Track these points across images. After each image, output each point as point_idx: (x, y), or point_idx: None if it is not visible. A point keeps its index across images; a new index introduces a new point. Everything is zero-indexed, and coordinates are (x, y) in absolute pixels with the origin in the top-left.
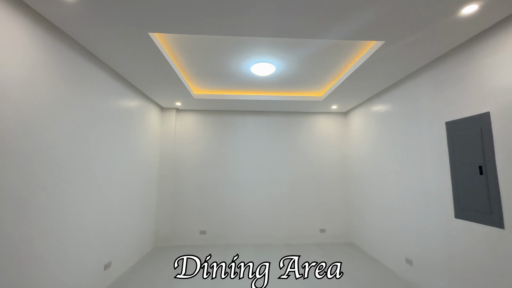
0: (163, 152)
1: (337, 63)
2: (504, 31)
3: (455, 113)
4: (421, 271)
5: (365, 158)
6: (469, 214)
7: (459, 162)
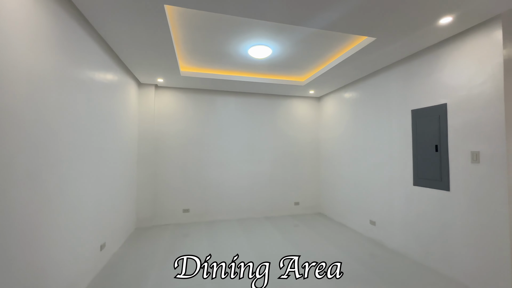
0: (142, 131)
1: (326, 51)
2: (463, 40)
3: (419, 103)
4: (383, 229)
5: (336, 138)
6: (425, 181)
7: (420, 142)
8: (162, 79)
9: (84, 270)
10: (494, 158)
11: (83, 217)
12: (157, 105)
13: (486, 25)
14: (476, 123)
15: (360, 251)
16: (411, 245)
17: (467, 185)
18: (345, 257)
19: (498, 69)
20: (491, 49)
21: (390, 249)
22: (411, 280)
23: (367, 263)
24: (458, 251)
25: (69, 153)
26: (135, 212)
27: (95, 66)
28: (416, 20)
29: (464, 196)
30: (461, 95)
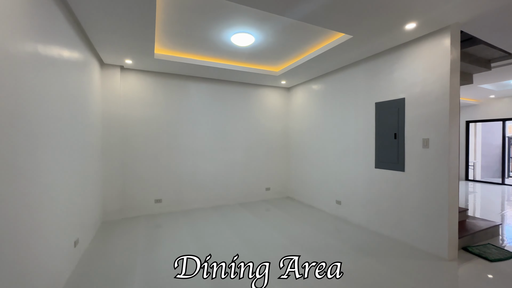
0: (107, 118)
1: (305, 44)
2: (420, 44)
3: (382, 96)
4: (347, 208)
5: (306, 127)
6: (384, 164)
7: (382, 131)
8: (130, 60)
9: (60, 268)
10: (440, 144)
11: (57, 211)
12: (123, 89)
13: (439, 33)
14: (427, 115)
15: (329, 226)
16: (371, 219)
17: (418, 166)
18: (316, 232)
19: (445, 72)
20: (441, 54)
21: (354, 223)
22: (373, 246)
23: (336, 236)
24: (409, 220)
25: (38, 142)
26: (102, 205)
27: (56, 38)
28: (389, 23)
29: (415, 175)
30: (416, 91)
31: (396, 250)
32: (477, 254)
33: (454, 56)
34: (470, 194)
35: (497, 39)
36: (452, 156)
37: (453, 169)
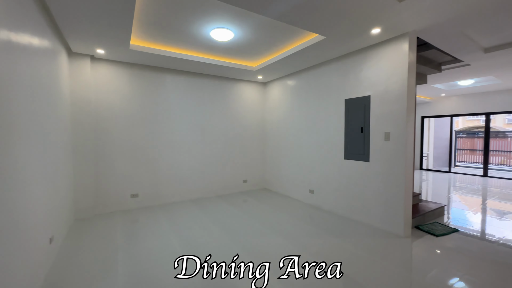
0: (77, 110)
1: (282, 42)
2: (384, 47)
3: (351, 94)
4: (319, 196)
5: (281, 121)
6: (352, 155)
7: (350, 125)
8: (103, 50)
9: (38, 264)
10: (398, 137)
11: (33, 208)
12: (94, 80)
13: (399, 39)
14: (388, 111)
15: (303, 214)
16: (341, 205)
17: (380, 157)
18: (291, 219)
19: (404, 73)
20: (401, 57)
21: (325, 210)
22: (341, 228)
23: (309, 222)
24: (372, 205)
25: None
26: (74, 201)
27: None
28: (357, 27)
29: (378, 165)
30: (380, 90)
31: (361, 231)
32: (426, 231)
33: (411, 59)
34: (423, 181)
35: (445, 46)
36: (409, 148)
37: (409, 159)
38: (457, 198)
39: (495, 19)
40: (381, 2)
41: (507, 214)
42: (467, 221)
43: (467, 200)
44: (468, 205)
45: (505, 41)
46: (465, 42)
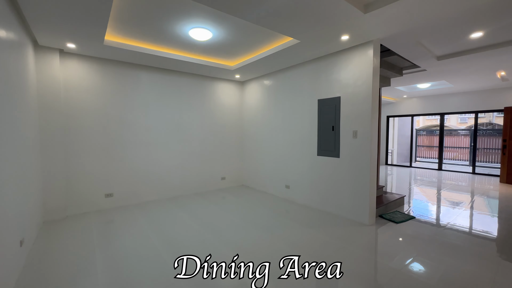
0: (44, 107)
1: (259, 43)
2: (352, 52)
3: (323, 94)
4: (294, 191)
5: (258, 119)
6: (324, 152)
7: (322, 124)
8: (74, 44)
9: (8, 269)
10: (364, 135)
11: (2, 209)
12: (64, 75)
13: (365, 45)
14: (356, 111)
15: (279, 208)
16: (314, 199)
17: (349, 153)
18: (268, 213)
19: (369, 77)
20: (366, 62)
21: (300, 204)
22: (315, 220)
23: (285, 215)
24: (342, 197)
25: None
26: (42, 202)
27: None
28: (328, 34)
29: (347, 160)
30: (349, 91)
31: (332, 221)
32: (388, 219)
33: (375, 64)
34: (388, 175)
35: (405, 53)
36: (373, 144)
37: (373, 155)
38: (417, 190)
39: (446, 31)
40: (349, 12)
41: (458, 203)
42: (424, 210)
43: (425, 191)
44: (426, 195)
45: (454, 50)
46: (421, 50)
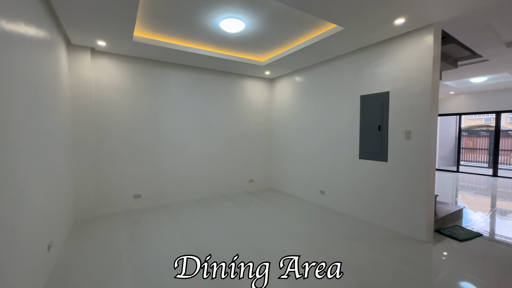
0: (77, 106)
1: (294, 34)
2: (406, 40)
3: (367, 90)
4: (330, 197)
5: (288, 118)
6: (368, 155)
7: (366, 123)
8: (104, 42)
9: (35, 276)
10: (420, 136)
11: (31, 213)
12: (95, 74)
13: (423, 30)
14: (409, 108)
15: (313, 215)
16: (354, 207)
17: (400, 156)
18: (302, 221)
19: (428, 67)
20: (424, 51)
21: (337, 212)
22: (357, 232)
23: (321, 224)
24: (389, 207)
25: (11, 134)
26: (74, 202)
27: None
28: (381, 17)
29: (397, 165)
30: (400, 85)
31: (378, 235)
32: (448, 235)
33: (436, 53)
34: None
35: (467, 39)
36: (432, 146)
37: (431, 159)
38: (474, 200)
39: None
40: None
41: None
42: (488, 225)
43: (485, 202)
44: (488, 207)
45: None
46: (489, 35)
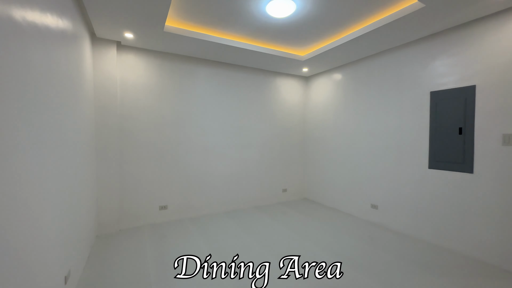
0: (100, 107)
1: (352, 17)
2: (502, 19)
3: (441, 84)
4: (386, 213)
5: (328, 121)
6: (443, 164)
7: (440, 125)
8: (132, 33)
9: None
10: None
11: (48, 238)
12: (120, 71)
13: None
14: (509, 106)
15: (363, 233)
16: (422, 227)
17: (494, 166)
18: (350, 239)
19: None
20: None
21: (395, 231)
22: (427, 259)
23: (377, 245)
24: (476, 230)
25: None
26: (96, 216)
27: None
28: None
29: (489, 178)
30: (493, 77)
31: (460, 265)
32: None
33: None
34: None
35: None
36: None
37: None
38: None
39: None
40: None
41: None
42: None
43: None
44: None
45: None
46: None
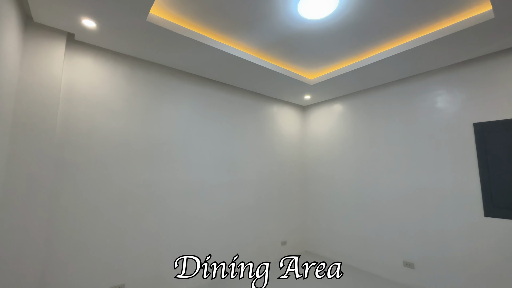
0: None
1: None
2: None
3: (486, 115)
4: (426, 274)
5: (335, 156)
6: (505, 212)
7: (493, 162)
8: (94, 21)
9: None
10: None
11: None
12: (69, 77)
13: None
14: None
15: None
16: None
17: None
18: None
19: None
20: None
21: None
22: None
23: None
24: None
25: None
26: None
27: None
28: None
29: None
30: None
31: None
32: None
33: None
34: None
35: None
36: None
37: None
38: None
39: None
40: None
41: None
42: None
43: None
44: None
45: None
46: None
